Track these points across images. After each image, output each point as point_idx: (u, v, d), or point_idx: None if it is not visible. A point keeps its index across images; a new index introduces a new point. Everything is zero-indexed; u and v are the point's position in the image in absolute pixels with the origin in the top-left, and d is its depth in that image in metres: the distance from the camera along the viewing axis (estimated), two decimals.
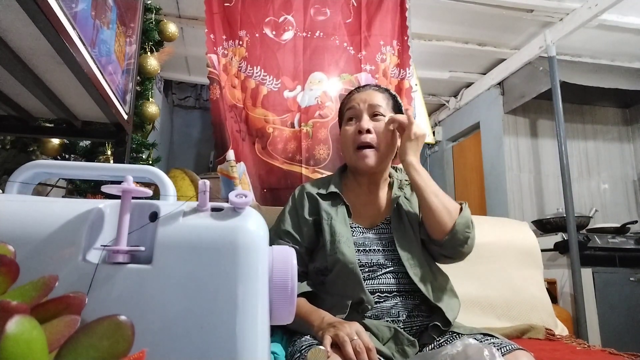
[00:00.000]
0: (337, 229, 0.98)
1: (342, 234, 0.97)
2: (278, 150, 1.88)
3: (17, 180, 0.53)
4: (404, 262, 0.95)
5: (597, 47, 3.10)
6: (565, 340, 1.35)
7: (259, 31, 1.95)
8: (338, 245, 0.95)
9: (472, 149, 3.98)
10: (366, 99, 1.07)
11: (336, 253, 0.95)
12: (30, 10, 0.69)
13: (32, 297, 0.29)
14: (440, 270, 1.03)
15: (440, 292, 0.96)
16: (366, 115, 1.05)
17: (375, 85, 1.14)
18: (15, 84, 0.97)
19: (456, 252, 0.98)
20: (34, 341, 0.23)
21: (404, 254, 0.96)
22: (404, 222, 1.02)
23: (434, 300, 0.92)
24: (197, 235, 0.44)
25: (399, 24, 2.09)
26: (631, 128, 3.71)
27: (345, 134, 1.07)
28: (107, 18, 1.06)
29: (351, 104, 1.09)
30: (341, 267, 0.94)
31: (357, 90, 1.12)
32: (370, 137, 1.03)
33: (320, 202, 1.04)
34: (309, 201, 1.06)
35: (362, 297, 0.91)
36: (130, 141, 1.52)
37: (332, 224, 1.00)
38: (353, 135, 1.04)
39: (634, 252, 2.60)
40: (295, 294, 0.48)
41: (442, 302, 0.93)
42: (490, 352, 0.63)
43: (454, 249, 0.97)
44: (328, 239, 0.98)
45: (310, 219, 1.03)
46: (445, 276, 1.03)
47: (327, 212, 1.02)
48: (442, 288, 0.97)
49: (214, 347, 0.40)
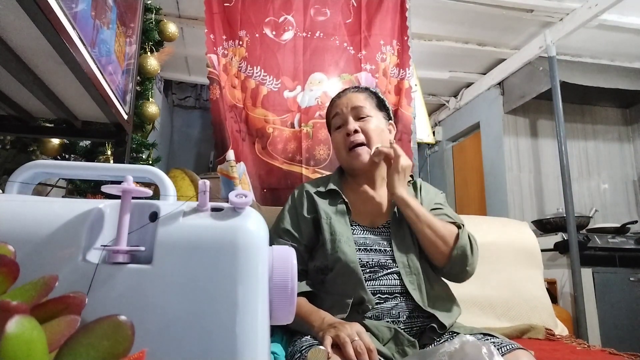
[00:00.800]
0: (336, 227, 0.99)
1: (342, 232, 0.98)
2: (278, 150, 1.88)
3: (17, 180, 0.53)
4: (399, 269, 0.95)
5: (597, 47, 3.10)
6: (565, 340, 1.35)
7: (259, 31, 1.95)
8: (339, 244, 0.96)
9: (472, 149, 3.98)
10: (348, 102, 1.10)
11: (337, 252, 0.95)
12: (30, 10, 0.69)
13: (32, 297, 0.29)
14: (438, 277, 1.02)
15: (437, 299, 0.96)
16: (351, 118, 1.08)
17: (354, 87, 1.16)
18: (15, 84, 0.97)
19: (457, 277, 1.01)
20: (34, 341, 0.23)
21: (401, 261, 0.97)
22: (402, 228, 1.02)
23: (428, 307, 0.92)
24: (197, 235, 0.44)
25: (399, 23, 2.09)
26: (631, 128, 3.71)
27: (335, 139, 1.11)
28: (107, 18, 1.06)
29: (335, 110, 1.12)
30: (342, 266, 0.94)
31: (338, 97, 1.15)
32: (359, 137, 1.06)
33: (318, 200, 1.05)
34: (308, 200, 1.07)
35: (363, 297, 0.91)
36: (130, 141, 1.52)
37: (331, 223, 1.00)
38: (343, 139, 1.08)
39: (634, 252, 2.59)
40: (296, 294, 0.48)
41: (437, 309, 0.93)
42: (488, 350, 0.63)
43: (455, 275, 1.00)
44: (328, 238, 0.98)
45: (309, 217, 1.04)
46: (444, 284, 1.03)
47: (326, 211, 1.03)
48: (438, 295, 0.97)
49: (214, 347, 0.40)
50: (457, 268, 0.97)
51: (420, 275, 0.96)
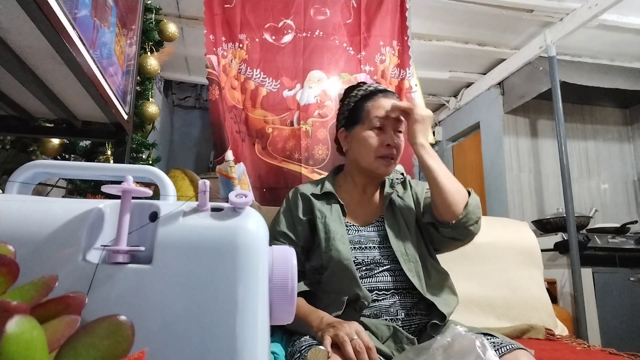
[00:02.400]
0: (331, 226, 1.00)
1: (336, 231, 0.99)
2: (277, 149, 1.88)
3: (17, 180, 0.53)
4: (398, 257, 0.96)
5: (597, 47, 3.10)
6: (565, 340, 1.35)
7: (258, 36, 1.96)
8: (333, 243, 0.96)
9: (472, 149, 3.98)
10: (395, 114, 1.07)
11: (331, 250, 0.96)
12: (30, 10, 0.69)
13: (32, 297, 0.29)
14: (436, 267, 1.03)
15: (435, 288, 0.96)
16: (391, 130, 1.05)
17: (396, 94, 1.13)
18: (15, 84, 0.97)
19: (468, 232, 0.98)
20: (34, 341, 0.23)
21: (398, 250, 0.98)
22: (397, 219, 1.03)
23: (428, 295, 0.92)
24: (197, 235, 0.44)
25: (399, 24, 2.10)
26: (631, 128, 3.71)
27: (369, 139, 1.05)
28: (107, 18, 1.06)
29: (379, 111, 1.05)
30: (336, 264, 0.94)
31: (385, 96, 1.09)
32: (395, 151, 1.05)
33: (314, 202, 1.06)
34: (302, 201, 1.07)
35: (358, 294, 0.91)
36: (130, 141, 1.52)
37: (327, 222, 1.01)
38: (379, 144, 1.04)
39: (634, 252, 2.59)
40: (296, 294, 0.48)
41: (436, 297, 0.94)
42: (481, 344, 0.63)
43: (466, 229, 0.97)
44: (323, 237, 0.99)
45: (304, 218, 1.04)
46: (443, 273, 1.03)
47: (321, 211, 1.04)
48: (437, 284, 0.98)
49: (214, 347, 0.40)
50: (470, 221, 0.96)
51: (418, 263, 0.97)
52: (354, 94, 1.12)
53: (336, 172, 1.18)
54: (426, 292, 0.93)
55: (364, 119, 1.07)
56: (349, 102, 1.13)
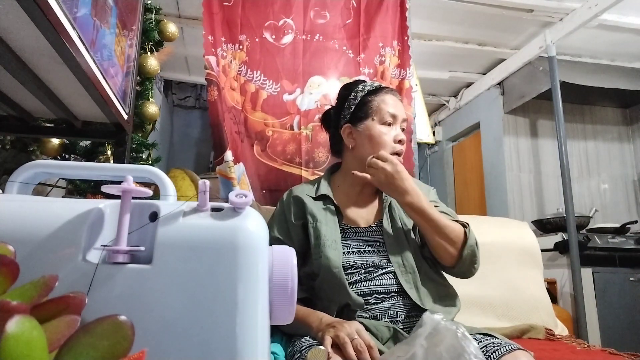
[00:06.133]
0: (322, 232, 0.97)
1: (327, 237, 0.96)
2: (277, 152, 1.89)
3: (17, 180, 0.53)
4: (395, 268, 0.95)
5: (597, 47, 3.10)
6: (565, 340, 1.35)
7: (258, 35, 1.96)
8: (323, 249, 0.94)
9: (472, 149, 3.98)
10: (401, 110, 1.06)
11: (320, 257, 0.94)
12: (30, 10, 0.69)
13: (32, 297, 0.29)
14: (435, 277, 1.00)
15: (434, 299, 0.95)
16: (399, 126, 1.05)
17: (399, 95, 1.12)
18: (15, 84, 0.97)
19: (465, 275, 1.00)
20: (34, 341, 0.23)
21: (395, 261, 0.96)
22: (395, 226, 1.01)
23: (425, 305, 0.92)
24: (197, 235, 0.44)
25: (399, 24, 2.10)
26: (631, 128, 3.71)
27: (383, 135, 1.02)
28: (108, 18, 1.06)
29: (388, 108, 1.03)
30: (325, 272, 0.93)
31: (393, 94, 1.07)
32: (404, 149, 1.04)
33: (308, 205, 1.02)
34: (296, 205, 1.04)
35: (348, 302, 0.91)
36: (130, 141, 1.52)
37: (318, 227, 0.98)
38: (391, 141, 1.02)
39: (634, 252, 2.59)
40: (296, 294, 0.48)
41: (435, 306, 0.93)
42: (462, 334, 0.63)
43: (464, 273, 0.99)
44: (313, 243, 0.97)
45: (297, 223, 1.02)
46: (443, 282, 1.02)
47: (313, 215, 1.00)
48: (436, 294, 0.97)
49: (214, 347, 0.40)
50: (467, 266, 0.97)
51: (416, 274, 0.95)
52: (359, 88, 1.08)
53: (332, 171, 1.14)
54: (425, 304, 0.92)
55: (374, 113, 1.03)
56: (355, 96, 1.07)
